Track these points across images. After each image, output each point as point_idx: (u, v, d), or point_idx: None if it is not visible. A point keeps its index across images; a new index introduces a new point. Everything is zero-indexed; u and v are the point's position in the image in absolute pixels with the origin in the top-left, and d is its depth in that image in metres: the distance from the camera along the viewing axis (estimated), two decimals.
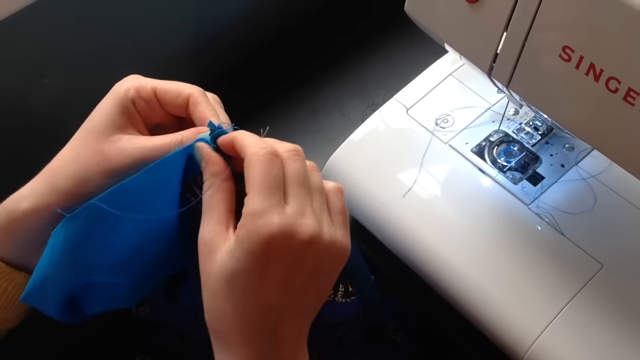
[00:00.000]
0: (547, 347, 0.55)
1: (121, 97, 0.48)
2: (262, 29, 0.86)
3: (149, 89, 0.48)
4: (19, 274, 0.49)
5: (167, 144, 0.46)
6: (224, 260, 0.41)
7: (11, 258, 0.49)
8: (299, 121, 0.79)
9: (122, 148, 0.46)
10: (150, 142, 0.47)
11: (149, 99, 0.48)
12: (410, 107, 0.68)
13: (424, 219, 0.62)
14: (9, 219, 0.47)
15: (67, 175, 0.47)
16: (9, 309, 0.50)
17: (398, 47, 0.83)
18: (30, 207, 0.47)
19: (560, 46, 0.45)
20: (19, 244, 0.48)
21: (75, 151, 0.47)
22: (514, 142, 0.65)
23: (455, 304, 0.61)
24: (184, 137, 0.46)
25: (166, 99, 0.48)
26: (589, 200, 0.61)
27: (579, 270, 0.57)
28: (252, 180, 0.42)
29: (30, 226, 0.47)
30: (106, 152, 0.46)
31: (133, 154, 0.46)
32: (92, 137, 0.47)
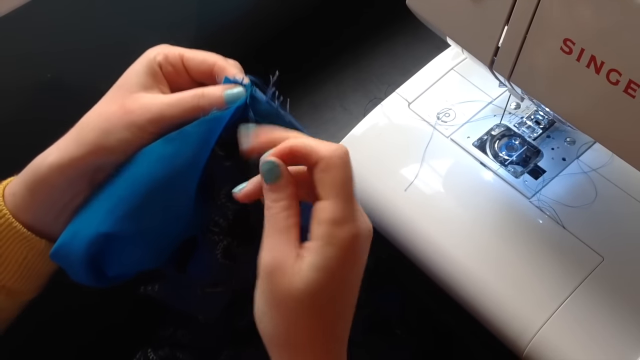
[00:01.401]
0: (549, 340, 0.55)
1: (150, 59, 0.50)
2: (263, 25, 0.86)
3: (177, 54, 0.50)
4: (40, 241, 0.49)
5: (183, 97, 0.48)
6: (308, 277, 0.41)
7: (33, 223, 0.49)
8: (300, 116, 0.79)
9: (143, 103, 0.48)
10: (168, 98, 0.48)
11: (176, 63, 0.50)
12: (412, 102, 0.68)
13: (426, 213, 0.63)
14: (35, 177, 0.48)
15: (90, 128, 0.48)
16: (28, 278, 0.51)
17: (400, 42, 0.84)
18: (55, 162, 0.47)
19: (561, 39, 0.45)
20: (42, 206, 0.49)
21: (101, 106, 0.49)
22: (516, 136, 0.65)
23: (456, 297, 0.61)
24: (204, 92, 0.48)
25: (192, 65, 0.50)
26: (590, 194, 0.61)
27: (580, 263, 0.57)
28: (333, 185, 0.42)
29: (54, 183, 0.48)
30: (128, 106, 0.48)
31: (152, 108, 0.47)
32: (118, 94, 0.49)
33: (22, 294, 0.52)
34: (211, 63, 0.50)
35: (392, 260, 0.66)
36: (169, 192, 0.48)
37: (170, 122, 0.48)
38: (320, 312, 0.42)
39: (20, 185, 0.49)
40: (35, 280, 0.52)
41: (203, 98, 0.48)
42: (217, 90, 0.48)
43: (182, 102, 0.48)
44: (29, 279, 0.51)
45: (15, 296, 0.51)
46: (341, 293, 0.43)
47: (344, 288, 0.43)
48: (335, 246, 0.41)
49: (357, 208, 0.43)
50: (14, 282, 0.50)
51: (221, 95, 0.48)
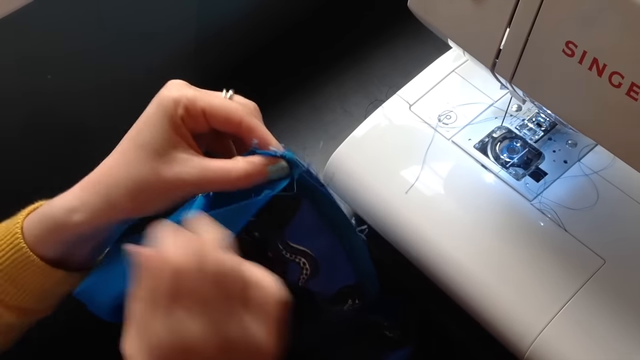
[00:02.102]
0: (550, 343, 0.55)
1: (171, 113, 0.47)
2: (264, 27, 0.86)
3: (198, 108, 0.47)
4: (57, 271, 0.49)
5: (227, 171, 0.46)
6: None
7: (52, 257, 0.49)
8: (301, 118, 0.79)
9: (178, 172, 0.46)
10: (209, 168, 0.46)
11: (197, 116, 0.47)
12: (413, 104, 0.68)
13: (427, 215, 0.62)
14: (58, 227, 0.47)
15: (125, 194, 0.46)
16: (45, 301, 0.51)
17: (401, 44, 0.83)
18: (85, 220, 0.47)
19: (564, 41, 0.45)
20: (63, 247, 0.49)
21: (130, 168, 0.46)
22: (517, 139, 0.65)
23: (457, 300, 0.61)
24: (248, 170, 0.46)
25: (215, 122, 0.48)
26: (592, 196, 0.61)
27: (582, 266, 0.57)
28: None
29: (82, 234, 0.48)
30: (163, 174, 0.46)
31: (190, 180, 0.46)
32: (145, 155, 0.46)
33: (37, 313, 0.52)
34: (236, 121, 0.47)
35: (393, 262, 0.66)
36: None
37: (206, 190, 0.48)
38: None
39: (40, 229, 0.48)
40: (51, 301, 0.52)
41: (247, 180, 0.46)
42: (260, 167, 0.46)
43: (224, 176, 0.46)
44: (45, 300, 0.51)
45: (30, 315, 0.51)
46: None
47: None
48: None
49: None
50: (30, 304, 0.50)
51: (266, 173, 0.46)
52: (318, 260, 0.51)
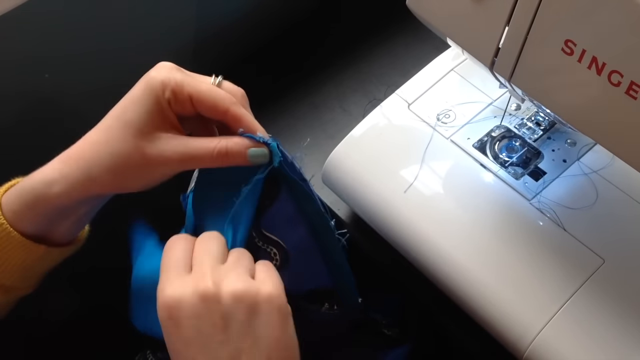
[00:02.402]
0: (549, 343, 0.55)
1: (158, 94, 0.47)
2: (263, 26, 0.86)
3: (185, 94, 0.47)
4: (38, 247, 0.49)
5: (210, 150, 0.47)
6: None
7: (33, 232, 0.49)
8: (300, 117, 0.79)
9: (162, 149, 0.46)
10: (191, 145, 0.47)
11: (184, 102, 0.48)
12: (412, 103, 0.68)
13: (426, 215, 0.62)
14: (37, 200, 0.47)
15: (105, 168, 0.47)
16: (26, 278, 0.51)
17: (400, 43, 0.83)
18: (63, 192, 0.47)
19: (563, 40, 0.45)
20: (43, 221, 0.49)
21: (114, 145, 0.47)
22: (516, 138, 0.65)
23: (456, 299, 0.60)
24: (228, 147, 0.47)
25: (202, 109, 0.48)
26: (591, 196, 0.60)
27: (581, 266, 0.57)
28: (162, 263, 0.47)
29: (61, 206, 0.48)
30: (147, 153, 0.46)
31: (173, 157, 0.47)
32: (130, 133, 0.47)
33: (20, 290, 0.52)
34: (223, 110, 0.48)
35: (392, 262, 0.66)
36: None
37: (190, 168, 0.49)
38: None
39: (19, 203, 0.48)
40: (33, 279, 0.52)
41: (227, 158, 0.47)
42: (241, 148, 0.47)
43: (207, 155, 0.47)
44: (27, 278, 0.51)
45: (12, 292, 0.51)
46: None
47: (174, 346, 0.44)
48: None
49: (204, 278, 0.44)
50: (12, 282, 0.50)
51: (246, 155, 0.47)
52: (289, 252, 0.51)
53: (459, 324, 0.62)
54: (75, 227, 0.52)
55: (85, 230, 0.55)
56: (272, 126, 0.78)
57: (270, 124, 0.78)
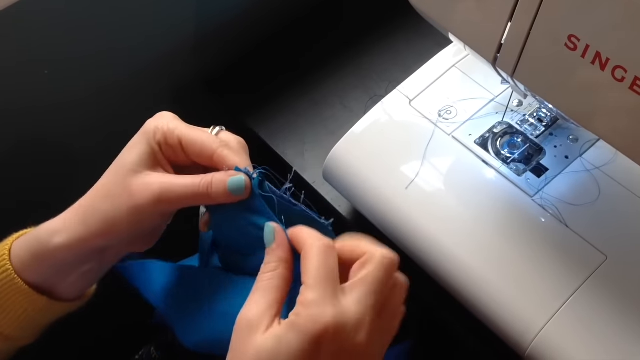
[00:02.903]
0: (551, 339, 0.55)
1: (149, 137, 0.48)
2: (263, 23, 0.86)
3: (175, 137, 0.48)
4: (41, 297, 0.50)
5: (196, 184, 0.47)
6: (267, 343, 0.41)
7: (37, 283, 0.50)
8: (300, 113, 0.79)
9: (147, 183, 0.47)
10: (177, 180, 0.47)
11: (174, 145, 0.49)
12: (413, 99, 0.68)
13: (427, 211, 0.62)
14: (41, 250, 0.48)
15: (98, 215, 0.47)
16: (27, 329, 0.51)
17: (401, 39, 0.83)
18: (63, 243, 0.48)
19: (566, 35, 0.44)
20: (47, 272, 0.49)
21: (106, 187, 0.48)
22: (518, 134, 0.64)
23: (458, 296, 0.60)
24: (214, 178, 0.47)
25: (190, 151, 0.49)
26: (593, 192, 0.60)
27: (583, 262, 0.57)
28: (311, 274, 0.42)
29: (62, 259, 0.49)
30: (133, 188, 0.47)
31: (157, 190, 0.47)
32: (121, 174, 0.48)
33: (20, 340, 0.52)
34: (209, 152, 0.48)
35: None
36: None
37: (177, 205, 0.48)
38: None
39: (26, 252, 0.49)
40: (34, 329, 0.52)
41: (211, 187, 0.47)
42: (224, 177, 0.47)
43: (194, 187, 0.47)
44: (28, 329, 0.51)
45: (12, 342, 0.51)
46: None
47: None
48: (298, 327, 0.41)
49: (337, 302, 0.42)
50: (12, 331, 0.50)
51: (225, 185, 0.47)
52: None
53: (460, 321, 0.62)
54: (80, 284, 0.52)
55: (92, 290, 0.55)
56: (273, 123, 0.78)
57: (271, 121, 0.79)
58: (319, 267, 0.43)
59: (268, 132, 0.77)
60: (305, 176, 0.73)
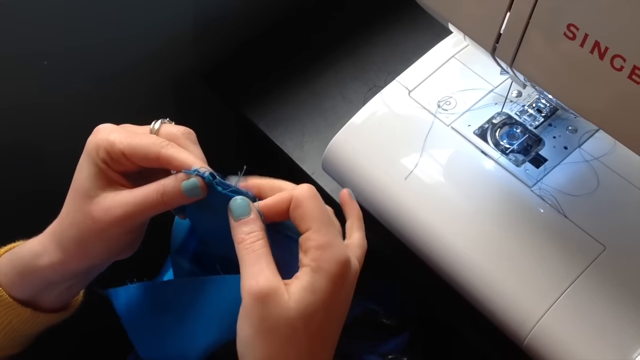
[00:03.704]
0: (550, 329, 0.55)
1: (93, 158, 0.48)
2: (263, 13, 0.85)
3: (117, 151, 0.47)
4: (25, 310, 0.51)
5: (149, 195, 0.47)
6: (303, 300, 0.42)
7: (21, 297, 0.50)
8: (300, 104, 0.79)
9: (106, 208, 0.47)
10: (131, 197, 0.47)
11: (119, 159, 0.48)
12: (413, 90, 0.68)
13: (426, 202, 0.62)
14: (27, 269, 0.49)
15: (69, 239, 0.48)
16: (12, 339, 0.52)
17: (399, 30, 0.83)
18: (48, 266, 0.49)
19: (565, 24, 0.44)
20: (34, 289, 0.50)
21: (71, 215, 0.48)
22: (517, 125, 0.64)
23: (456, 287, 0.60)
24: (165, 185, 0.47)
25: (135, 160, 0.48)
26: (592, 183, 0.60)
27: (582, 253, 0.57)
28: (312, 217, 0.45)
29: (47, 277, 0.49)
30: (94, 215, 0.47)
31: (117, 213, 0.47)
32: (79, 200, 0.48)
33: (5, 350, 0.52)
34: (154, 157, 0.47)
35: (392, 249, 0.66)
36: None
37: (142, 218, 0.48)
38: (310, 337, 0.43)
39: (11, 269, 0.50)
40: (19, 340, 0.53)
41: (165, 194, 0.47)
42: (176, 185, 0.47)
43: (147, 201, 0.47)
44: (13, 339, 0.52)
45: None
46: (330, 317, 0.44)
47: (333, 312, 0.44)
48: (324, 270, 0.43)
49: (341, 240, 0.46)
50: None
51: (180, 190, 0.47)
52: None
53: (459, 312, 0.62)
54: (65, 297, 0.53)
55: (78, 299, 0.55)
56: (272, 114, 0.78)
57: (270, 112, 0.79)
58: (321, 211, 0.45)
59: (267, 123, 0.77)
60: (305, 167, 0.73)
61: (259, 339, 0.42)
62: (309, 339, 0.43)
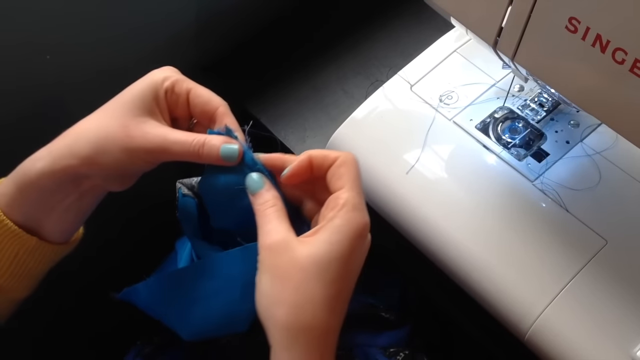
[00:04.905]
0: (551, 323, 0.55)
1: (157, 83, 0.50)
2: (265, 8, 0.85)
3: (184, 87, 0.51)
4: (31, 238, 0.50)
5: (188, 141, 0.49)
6: (318, 248, 0.44)
7: (24, 222, 0.50)
8: (302, 99, 0.79)
9: (146, 131, 0.49)
10: (172, 135, 0.49)
11: (181, 94, 0.51)
12: (415, 84, 0.68)
13: (428, 196, 0.62)
14: (24, 179, 0.48)
15: (87, 142, 0.48)
16: (19, 277, 0.51)
17: (401, 25, 0.83)
18: (46, 168, 0.48)
19: (567, 17, 0.44)
20: (32, 206, 0.49)
21: (101, 121, 0.49)
22: (519, 119, 0.64)
23: (458, 281, 0.60)
24: (207, 140, 0.49)
25: (197, 102, 0.51)
26: (594, 177, 0.60)
27: (583, 247, 0.57)
28: (350, 178, 0.48)
29: (44, 186, 0.48)
30: (131, 130, 0.48)
31: (154, 140, 0.49)
32: (120, 112, 0.49)
33: (13, 292, 0.52)
34: (215, 106, 0.51)
35: (393, 243, 0.66)
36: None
37: (167, 158, 0.50)
38: (324, 286, 0.44)
39: (10, 186, 0.49)
40: (26, 279, 0.52)
41: (203, 148, 0.49)
42: (217, 143, 0.49)
43: (185, 144, 0.49)
44: (20, 277, 0.51)
45: (5, 294, 0.51)
46: (345, 273, 0.46)
47: (348, 269, 0.46)
48: (351, 228, 0.45)
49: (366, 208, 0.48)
50: (4, 280, 0.50)
51: (219, 149, 0.49)
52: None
53: (460, 306, 0.62)
54: (64, 223, 0.52)
55: (79, 233, 0.55)
56: (274, 109, 0.78)
57: (271, 107, 0.79)
58: (358, 176, 0.48)
59: (269, 118, 0.77)
60: None
61: (274, 285, 0.45)
62: (323, 287, 0.44)
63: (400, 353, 0.64)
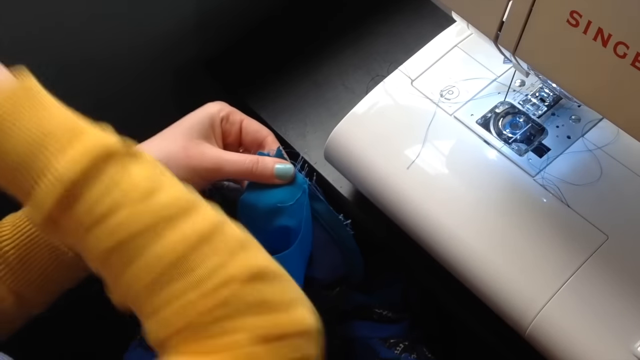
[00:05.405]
0: (552, 318, 0.55)
1: (214, 112, 0.59)
2: (265, 2, 0.85)
3: (238, 117, 0.60)
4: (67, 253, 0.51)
5: (241, 160, 0.56)
6: None
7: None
8: (302, 94, 0.79)
9: (203, 152, 0.56)
10: (227, 155, 0.56)
11: (235, 123, 0.60)
12: (415, 79, 0.67)
13: (429, 191, 0.62)
14: None
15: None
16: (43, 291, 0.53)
17: (401, 20, 0.82)
18: None
19: (568, 11, 0.44)
20: None
21: (163, 143, 0.56)
22: (520, 114, 0.64)
23: (459, 276, 0.60)
24: (262, 159, 0.57)
25: (248, 130, 0.61)
26: (595, 172, 0.60)
27: (585, 242, 0.57)
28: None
29: None
30: (190, 151, 0.55)
31: (211, 160, 0.55)
32: (180, 136, 0.56)
33: (32, 306, 0.53)
34: (264, 134, 0.61)
35: (394, 239, 0.66)
36: None
37: (224, 176, 0.57)
38: None
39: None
40: (48, 296, 0.53)
41: (257, 165, 0.56)
42: (270, 161, 0.57)
43: (238, 163, 0.56)
44: (43, 292, 0.52)
45: (25, 306, 0.52)
46: None
47: None
48: None
49: None
50: (30, 291, 0.51)
51: (272, 167, 0.57)
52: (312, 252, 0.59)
53: (461, 301, 0.62)
54: None
55: None
56: (274, 105, 0.78)
57: (272, 102, 0.78)
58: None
59: (270, 113, 0.77)
60: (307, 157, 0.73)
61: None
62: None
63: (400, 344, 0.65)
